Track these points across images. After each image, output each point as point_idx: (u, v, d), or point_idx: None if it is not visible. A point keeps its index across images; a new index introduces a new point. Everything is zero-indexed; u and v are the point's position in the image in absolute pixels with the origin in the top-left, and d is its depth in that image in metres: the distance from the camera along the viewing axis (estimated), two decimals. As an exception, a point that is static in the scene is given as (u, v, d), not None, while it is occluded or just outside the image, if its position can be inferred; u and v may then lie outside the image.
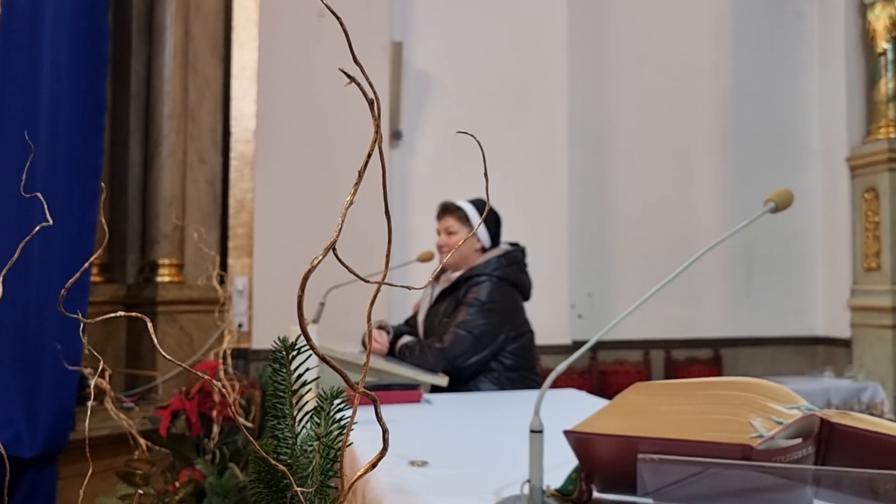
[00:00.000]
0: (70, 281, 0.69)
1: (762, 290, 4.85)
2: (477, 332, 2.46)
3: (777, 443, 1.00)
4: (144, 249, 3.32)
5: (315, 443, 0.67)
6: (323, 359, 0.45)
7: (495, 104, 4.20)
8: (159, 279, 3.22)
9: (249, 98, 3.62)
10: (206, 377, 0.59)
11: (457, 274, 2.64)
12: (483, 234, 2.63)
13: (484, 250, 2.65)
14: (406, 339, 2.59)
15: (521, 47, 4.33)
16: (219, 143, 3.56)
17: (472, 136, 0.51)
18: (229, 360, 1.98)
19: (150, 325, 0.52)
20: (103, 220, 2.86)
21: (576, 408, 1.14)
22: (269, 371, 0.92)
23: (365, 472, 0.52)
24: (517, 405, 2.02)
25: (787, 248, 4.93)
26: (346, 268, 0.44)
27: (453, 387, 2.42)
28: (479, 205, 2.68)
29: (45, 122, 2.71)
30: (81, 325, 2.59)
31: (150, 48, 3.41)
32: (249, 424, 1.79)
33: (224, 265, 3.44)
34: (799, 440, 1.02)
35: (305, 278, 0.42)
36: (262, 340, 3.33)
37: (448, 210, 2.66)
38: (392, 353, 2.58)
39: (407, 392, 2.04)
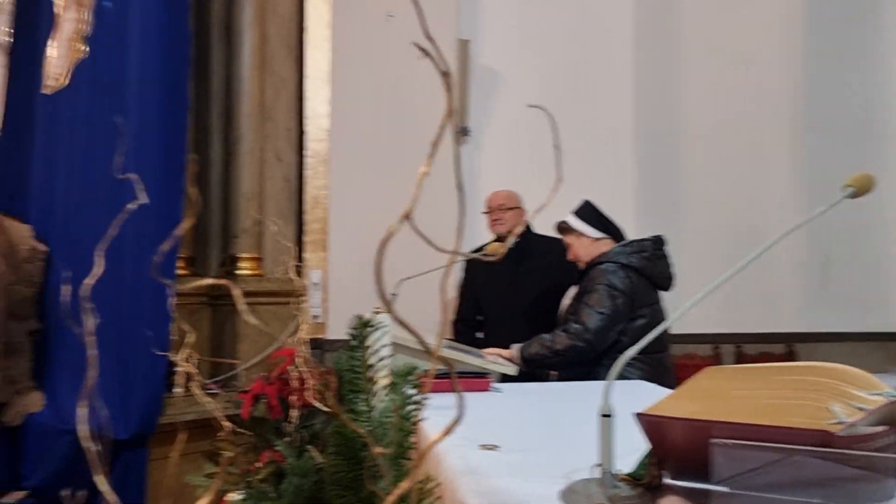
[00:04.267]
0: (161, 259, 0.74)
1: (840, 283, 4.66)
2: (608, 312, 2.64)
3: (859, 430, 0.96)
4: (226, 244, 3.45)
5: (391, 415, 0.71)
6: (403, 325, 0.47)
7: (562, 98, 4.19)
8: (239, 272, 3.35)
9: (323, 97, 3.72)
10: (283, 363, 0.63)
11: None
12: (582, 226, 2.88)
13: (597, 241, 2.90)
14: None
15: (586, 40, 4.30)
16: (294, 142, 3.67)
17: (542, 108, 0.52)
18: (306, 349, 2.04)
19: (241, 303, 0.56)
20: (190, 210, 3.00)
21: (646, 398, 1.13)
22: (344, 356, 0.96)
23: (439, 440, 0.55)
24: (586, 395, 2.02)
25: (868, 238, 4.71)
26: (422, 237, 0.47)
27: (575, 374, 2.61)
28: (579, 209, 2.99)
29: (133, 123, 2.86)
30: (170, 314, 2.73)
31: (228, 50, 3.54)
32: (327, 409, 1.84)
33: (300, 259, 3.55)
34: (883, 428, 0.98)
35: (383, 244, 0.45)
36: (337, 331, 3.42)
37: (559, 230, 3.03)
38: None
39: (475, 380, 2.06)
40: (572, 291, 3.05)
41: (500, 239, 3.25)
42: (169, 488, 2.48)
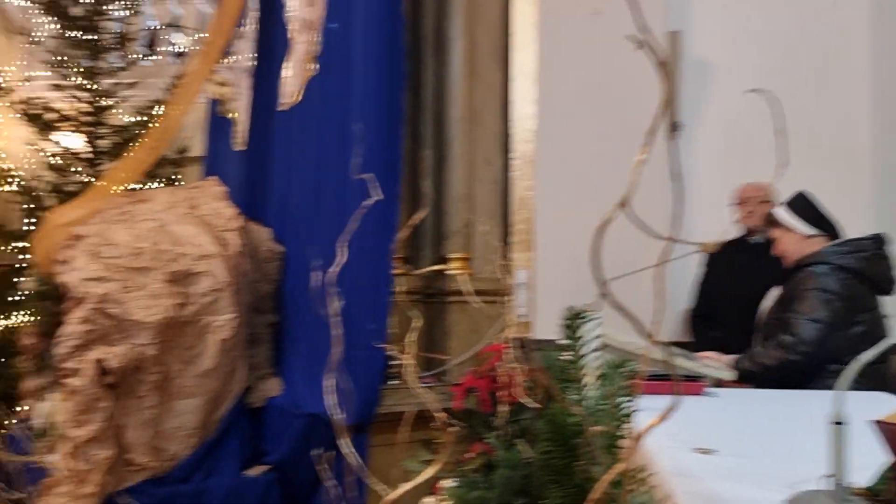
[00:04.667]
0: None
1: None
2: (824, 319, 2.45)
3: None
4: (437, 245, 3.63)
5: (605, 403, 0.71)
6: (620, 309, 0.48)
7: (784, 88, 3.87)
8: (450, 271, 3.51)
9: (529, 99, 3.76)
10: (492, 359, 0.67)
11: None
12: (793, 220, 2.67)
13: (808, 238, 2.68)
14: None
15: (812, 24, 3.94)
16: (502, 145, 3.76)
17: (764, 92, 0.51)
18: (515, 346, 2.10)
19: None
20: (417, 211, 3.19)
21: (879, 407, 1.03)
22: (554, 350, 0.98)
23: (655, 424, 0.55)
24: (808, 402, 1.87)
25: None
26: (639, 225, 0.48)
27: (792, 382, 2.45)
28: (791, 201, 2.83)
29: (356, 133, 3.12)
30: (388, 310, 2.92)
31: (439, 60, 3.72)
32: (536, 405, 1.88)
33: (507, 259, 3.63)
34: None
35: (600, 230, 0.46)
36: (543, 331, 3.45)
37: (766, 223, 2.93)
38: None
39: (688, 383, 1.99)
40: (774, 293, 2.81)
41: (750, 232, 3.14)
42: (388, 475, 2.65)
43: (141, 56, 6.15)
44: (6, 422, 4.87)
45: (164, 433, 3.07)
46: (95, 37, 5.52)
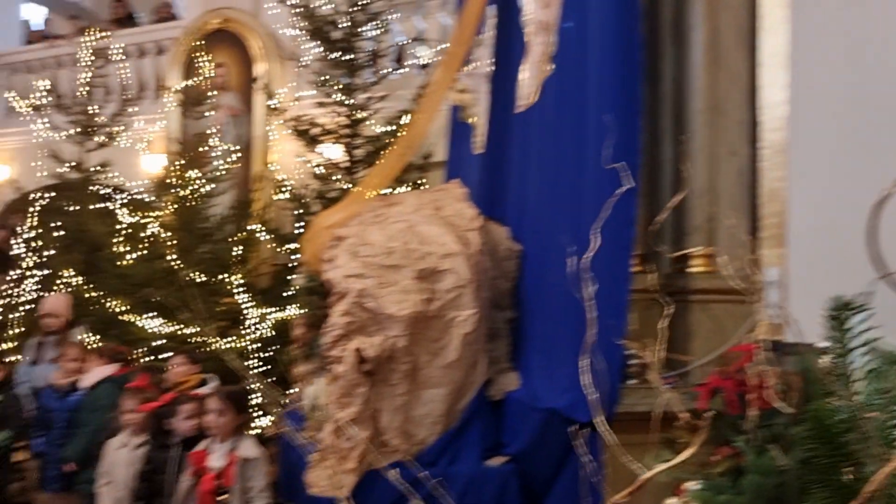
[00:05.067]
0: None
1: None
2: None
3: None
4: (677, 241, 3.49)
5: (880, 398, 0.66)
6: None
7: None
8: (692, 269, 3.36)
9: (780, 84, 3.48)
10: (741, 359, 0.64)
11: None
12: None
13: None
14: None
15: None
16: (747, 134, 3.52)
17: None
18: (766, 348, 1.96)
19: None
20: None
21: None
22: (810, 358, 0.91)
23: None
24: None
25: None
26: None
27: None
28: None
29: (592, 128, 3.11)
30: (627, 307, 2.87)
31: (678, 50, 3.57)
32: (789, 409, 1.75)
33: (755, 256, 3.39)
34: None
35: (879, 205, 0.44)
36: (797, 334, 3.17)
37: None
38: None
39: None
40: None
41: None
42: (626, 476, 2.60)
43: (390, 70, 6.68)
44: (280, 402, 5.54)
45: (413, 419, 3.30)
46: (352, 56, 6.10)
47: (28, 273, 6.75)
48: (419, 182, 5.96)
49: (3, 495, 4.77)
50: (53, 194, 7.20)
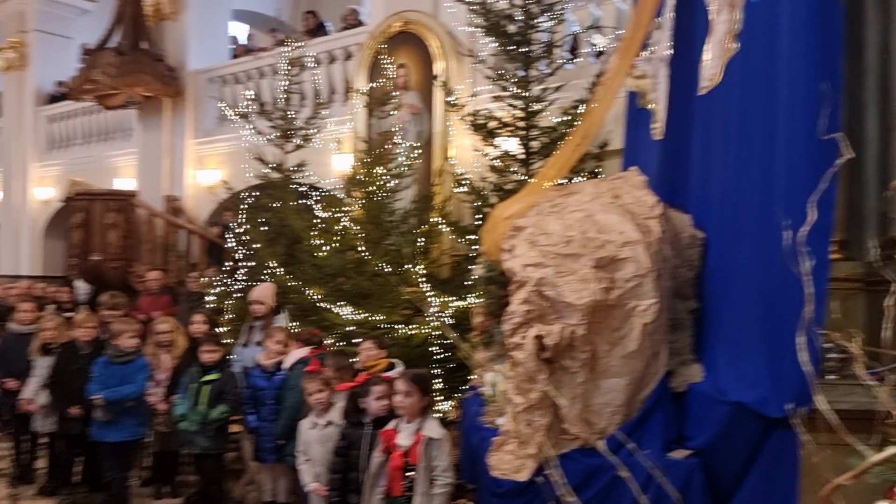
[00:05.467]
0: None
1: None
2: None
3: None
4: (883, 227, 3.19)
5: None
6: None
7: None
8: (901, 257, 3.06)
9: None
10: None
11: None
12: None
13: None
14: None
15: None
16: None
17: None
18: None
19: None
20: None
21: None
22: None
23: None
24: None
25: None
26: None
27: None
28: None
29: (784, 104, 2.93)
30: (825, 297, 2.69)
31: (884, 17, 3.26)
32: None
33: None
34: None
35: None
36: None
37: None
38: None
39: None
40: None
41: None
42: (822, 477, 2.45)
43: (565, 60, 6.65)
44: (461, 388, 5.75)
45: (592, 408, 3.31)
46: (527, 49, 6.15)
47: (239, 264, 7.52)
48: (596, 171, 5.90)
49: (221, 463, 5.38)
50: (258, 193, 7.96)
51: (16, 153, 14.23)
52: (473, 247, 6.23)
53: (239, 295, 7.04)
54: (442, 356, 5.95)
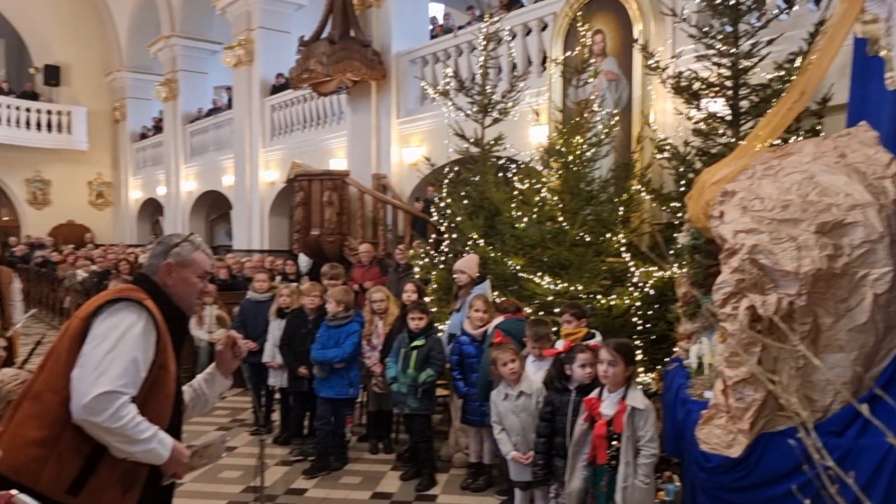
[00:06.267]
0: None
1: None
2: None
3: None
4: None
5: None
6: None
7: None
8: None
9: None
10: None
11: None
12: None
13: None
14: None
15: None
16: None
17: None
18: None
19: None
20: None
21: None
22: None
23: None
24: None
25: None
26: None
27: None
28: None
29: None
30: None
31: None
32: None
33: None
34: None
35: None
36: None
37: None
38: None
39: None
40: None
41: None
42: None
43: (779, 11, 6.13)
44: (662, 360, 5.59)
45: (813, 384, 3.09)
46: (735, 1, 5.74)
47: (442, 237, 7.85)
48: (816, 129, 5.42)
49: (429, 423, 5.71)
50: (458, 168, 8.22)
51: (246, 141, 15.84)
52: (677, 215, 6.01)
53: (443, 266, 7.35)
54: (643, 327, 5.83)
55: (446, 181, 7.94)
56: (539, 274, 6.07)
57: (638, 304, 5.83)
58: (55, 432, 2.21)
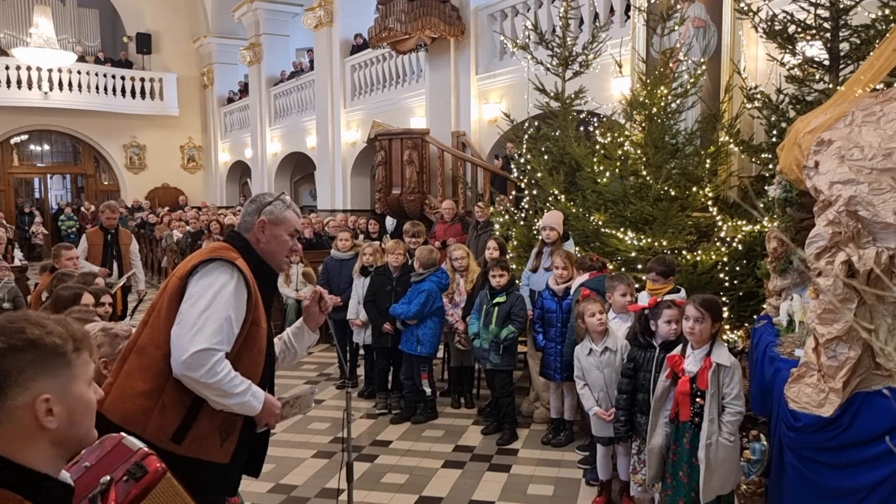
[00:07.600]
0: None
1: None
2: None
3: None
4: None
5: None
6: None
7: None
8: None
9: None
10: None
11: None
12: None
13: None
14: None
15: None
16: None
17: None
18: None
19: None
20: None
21: None
22: None
23: None
24: None
25: None
26: None
27: None
28: None
29: None
30: None
31: None
32: None
33: None
34: None
35: None
36: None
37: None
38: None
39: None
40: None
41: None
42: None
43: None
44: (749, 317, 5.43)
45: (913, 342, 2.95)
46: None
47: (522, 193, 7.79)
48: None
49: (510, 379, 5.76)
50: (539, 123, 8.09)
51: (328, 102, 16.05)
52: (768, 166, 5.75)
53: (523, 223, 7.32)
54: (730, 284, 5.66)
55: (526, 137, 7.84)
56: (622, 230, 5.96)
57: (725, 259, 5.66)
58: (159, 384, 2.36)
